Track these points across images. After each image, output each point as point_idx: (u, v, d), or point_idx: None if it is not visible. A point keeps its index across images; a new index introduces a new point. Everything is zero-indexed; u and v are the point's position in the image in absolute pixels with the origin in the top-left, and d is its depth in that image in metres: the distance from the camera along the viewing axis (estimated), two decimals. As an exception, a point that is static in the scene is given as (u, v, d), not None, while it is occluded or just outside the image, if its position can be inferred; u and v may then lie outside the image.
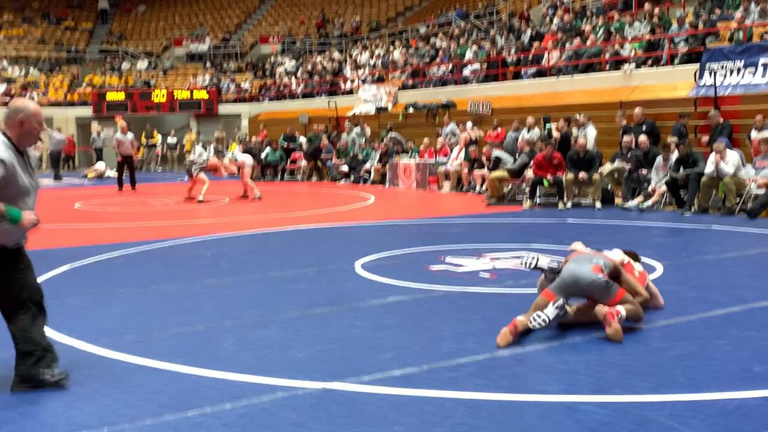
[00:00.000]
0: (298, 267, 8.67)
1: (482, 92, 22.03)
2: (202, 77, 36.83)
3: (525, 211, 14.22)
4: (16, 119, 4.55)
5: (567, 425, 3.99)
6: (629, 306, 5.72)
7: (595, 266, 5.78)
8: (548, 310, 5.53)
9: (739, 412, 4.12)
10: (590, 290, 5.74)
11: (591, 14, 22.43)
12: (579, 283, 5.76)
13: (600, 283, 5.70)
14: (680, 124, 14.97)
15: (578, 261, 5.93)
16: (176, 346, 5.58)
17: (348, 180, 21.97)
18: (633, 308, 5.74)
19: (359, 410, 4.23)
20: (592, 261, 5.86)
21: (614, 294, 5.72)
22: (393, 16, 41.09)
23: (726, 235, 10.84)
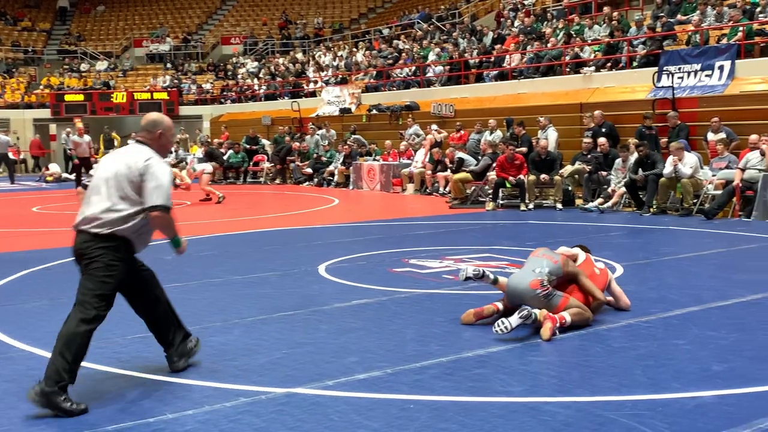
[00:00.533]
0: (262, 271, 8.63)
1: (445, 94, 22.13)
2: (163, 78, 36.43)
3: (488, 213, 14.31)
4: (156, 132, 4.74)
5: (530, 426, 4.02)
6: (575, 310, 5.82)
7: (534, 282, 5.84)
8: (513, 318, 5.59)
9: (698, 411, 4.19)
10: (532, 303, 5.81)
11: (551, 17, 22.65)
12: (521, 297, 5.90)
13: (539, 298, 5.81)
14: (643, 126, 15.18)
15: (525, 271, 6.03)
16: (137, 351, 5.52)
17: (311, 182, 21.91)
18: (579, 312, 5.85)
19: (323, 414, 4.22)
20: (534, 273, 5.92)
21: (557, 304, 5.83)
22: (356, 17, 41.09)
23: (684, 235, 11.03)
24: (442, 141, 18.96)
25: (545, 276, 5.88)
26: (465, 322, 6.03)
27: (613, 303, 6.46)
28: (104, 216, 4.52)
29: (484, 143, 17.09)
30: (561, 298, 5.87)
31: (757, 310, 6.43)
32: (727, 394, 4.42)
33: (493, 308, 6.08)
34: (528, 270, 6.00)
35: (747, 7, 16.70)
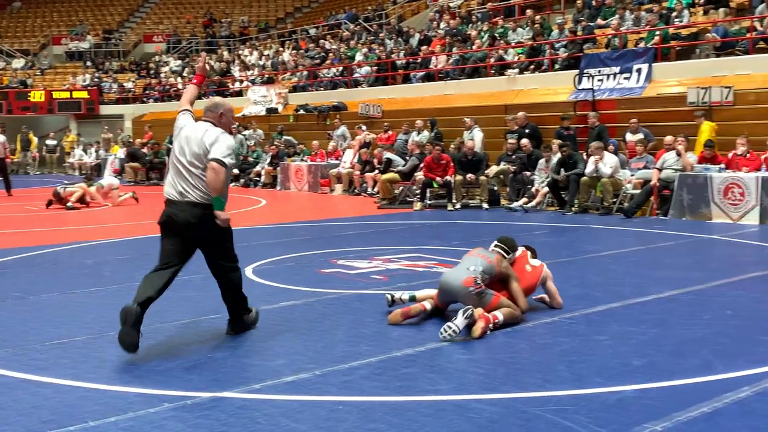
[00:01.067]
0: (185, 273, 8.42)
1: (373, 95, 22.18)
2: (83, 77, 35.46)
3: (416, 213, 14.40)
4: (217, 113, 5.57)
5: (458, 424, 4.06)
6: (506, 310, 5.94)
7: (468, 279, 5.95)
8: (458, 320, 5.63)
9: (620, 405, 4.29)
10: (464, 300, 5.94)
11: (476, 20, 22.95)
12: (454, 294, 6.04)
13: (471, 295, 5.93)
14: (561, 127, 15.52)
15: (458, 268, 6.14)
16: (56, 358, 5.34)
17: (237, 183, 21.64)
18: (510, 312, 5.96)
19: (250, 418, 4.17)
20: (468, 271, 6.03)
21: (488, 302, 5.94)
22: (282, 16, 40.81)
23: (604, 233, 11.31)
24: (371, 141, 18.99)
25: (479, 274, 6.00)
26: (392, 323, 6.06)
27: (546, 301, 6.59)
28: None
29: (412, 144, 17.20)
30: (492, 296, 5.98)
31: (675, 306, 6.64)
32: (648, 388, 4.55)
33: (420, 308, 6.13)
34: (462, 268, 6.11)
35: (663, 11, 17.26)
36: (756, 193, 11.69)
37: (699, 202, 12.26)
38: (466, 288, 5.93)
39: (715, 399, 4.30)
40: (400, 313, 6.08)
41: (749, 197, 11.76)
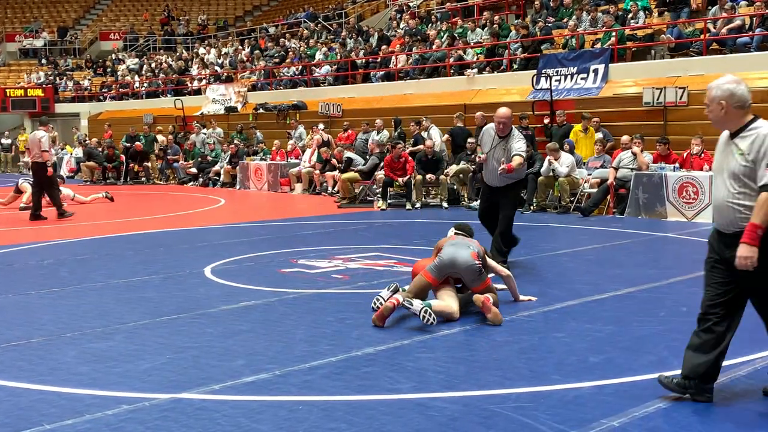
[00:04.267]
0: (144, 274, 8.38)
1: (333, 94, 22.14)
2: (37, 74, 34.81)
3: (376, 212, 14.42)
4: None
5: (418, 422, 4.08)
6: (493, 295, 6.20)
7: (473, 253, 6.26)
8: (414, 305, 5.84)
9: (578, 401, 4.35)
10: (464, 273, 6.20)
11: (436, 19, 23.05)
12: (456, 266, 6.20)
13: (475, 269, 6.18)
14: (520, 126, 15.65)
15: (457, 245, 6.38)
16: (11, 360, 5.25)
17: (196, 182, 21.45)
18: (495, 296, 6.24)
19: (210, 419, 4.14)
20: (470, 247, 6.33)
21: (483, 281, 6.23)
22: (240, 15, 40.54)
23: (562, 232, 11.45)
24: (329, 140, 18.96)
25: (480, 253, 6.32)
26: (377, 324, 6.01)
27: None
28: None
29: (372, 143, 17.21)
30: (486, 277, 6.30)
31: (631, 303, 6.75)
32: (605, 384, 4.62)
33: (391, 306, 6.05)
34: (462, 245, 6.34)
35: (619, 13, 17.52)
36: (710, 191, 11.92)
37: (654, 200, 12.48)
38: (474, 261, 6.18)
39: (671, 394, 4.38)
40: (377, 318, 6.00)
41: (703, 196, 12.00)
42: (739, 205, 4.18)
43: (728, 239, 4.24)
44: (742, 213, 4.16)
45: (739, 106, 4.22)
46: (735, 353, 5.14)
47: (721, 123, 4.30)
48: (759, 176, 4.08)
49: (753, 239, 4.05)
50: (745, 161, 4.15)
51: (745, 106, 4.23)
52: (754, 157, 4.12)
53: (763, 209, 4.04)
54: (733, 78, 4.29)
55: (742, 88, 4.24)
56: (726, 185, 4.25)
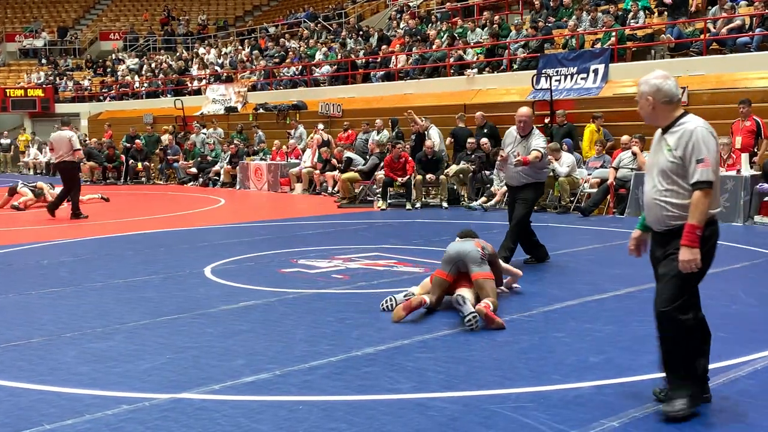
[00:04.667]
0: (144, 274, 8.38)
1: (333, 94, 22.14)
2: (37, 74, 34.81)
3: (376, 212, 14.41)
4: None
5: (418, 422, 4.08)
6: (492, 299, 6.21)
7: (477, 242, 6.51)
8: (464, 309, 5.92)
9: (578, 401, 4.35)
10: (467, 260, 6.34)
11: (435, 19, 23.04)
12: (460, 254, 6.39)
13: (475, 255, 6.34)
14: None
15: (463, 241, 6.61)
16: (11, 360, 5.25)
17: (196, 182, 21.45)
18: (495, 301, 6.26)
19: (210, 419, 4.14)
20: (475, 239, 6.61)
21: (484, 270, 6.35)
22: (240, 14, 40.54)
23: (562, 232, 11.44)
24: (329, 140, 18.95)
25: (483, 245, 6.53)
26: (397, 319, 6.11)
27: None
28: None
29: (372, 143, 17.21)
30: (489, 270, 6.41)
31: (631, 303, 6.75)
32: (604, 384, 4.62)
33: (421, 300, 6.24)
34: (466, 241, 6.57)
35: (619, 13, 17.52)
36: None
37: (654, 200, 12.45)
38: (476, 248, 6.39)
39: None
40: (402, 308, 6.15)
41: (703, 196, 11.98)
42: (665, 203, 4.08)
43: (657, 237, 4.19)
44: (669, 211, 4.07)
45: (667, 101, 4.10)
46: (735, 353, 5.15)
47: (651, 119, 4.19)
48: (690, 173, 3.99)
49: (692, 241, 3.95)
50: (672, 157, 4.05)
51: (673, 101, 4.11)
52: (681, 153, 4.02)
53: (698, 209, 3.95)
54: (662, 73, 4.17)
55: (670, 83, 4.10)
56: (654, 182, 4.15)
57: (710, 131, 4.08)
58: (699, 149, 3.99)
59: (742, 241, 10.08)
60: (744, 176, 11.67)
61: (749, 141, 12.48)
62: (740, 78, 14.45)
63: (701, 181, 3.94)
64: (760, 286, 7.30)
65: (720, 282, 7.53)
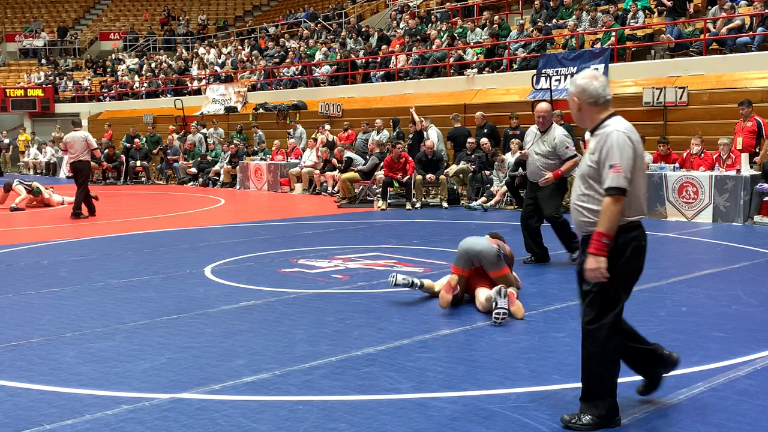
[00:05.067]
0: (144, 274, 8.38)
1: (333, 94, 22.14)
2: (37, 74, 34.81)
3: (375, 212, 14.41)
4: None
5: (418, 422, 4.08)
6: (514, 289, 6.45)
7: (491, 240, 6.64)
8: (500, 302, 5.99)
9: (577, 401, 4.33)
10: (482, 257, 6.45)
11: (435, 19, 23.04)
12: (473, 249, 6.50)
13: (492, 252, 6.45)
14: (510, 127, 15.66)
15: (474, 239, 6.70)
16: (11, 360, 5.25)
17: (196, 182, 21.45)
18: (516, 291, 6.49)
19: (210, 419, 4.14)
20: (486, 237, 6.73)
21: (502, 267, 6.49)
22: (240, 14, 40.54)
23: (563, 232, 11.42)
24: (334, 140, 18.93)
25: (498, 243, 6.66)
26: (445, 305, 6.33)
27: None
28: None
29: (372, 143, 17.21)
30: (505, 265, 6.55)
31: (631, 303, 6.67)
32: (604, 383, 4.61)
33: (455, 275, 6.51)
34: (480, 237, 6.70)
35: (619, 13, 17.52)
36: (709, 191, 11.93)
37: (654, 200, 12.47)
38: (490, 245, 6.51)
39: (670, 395, 4.38)
40: (445, 290, 6.37)
41: (703, 196, 12.00)
42: (582, 208, 3.96)
43: (583, 244, 4.01)
44: (585, 217, 3.95)
45: (592, 102, 3.94)
46: (735, 353, 5.15)
47: (578, 120, 4.07)
48: (603, 178, 3.83)
49: (598, 249, 3.78)
50: (590, 161, 3.91)
51: (598, 103, 3.94)
52: (597, 158, 3.87)
53: (605, 215, 3.78)
54: (591, 73, 4.03)
55: (596, 84, 3.94)
56: (576, 185, 4.04)
57: (628, 136, 3.85)
58: (612, 154, 3.80)
59: (742, 241, 10.09)
60: (744, 176, 11.68)
61: (750, 141, 12.49)
62: (740, 78, 14.45)
63: (611, 187, 3.77)
64: (760, 286, 7.30)
65: (720, 282, 7.54)
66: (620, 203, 3.78)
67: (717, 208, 11.87)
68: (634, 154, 3.83)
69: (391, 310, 6.57)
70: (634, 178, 3.83)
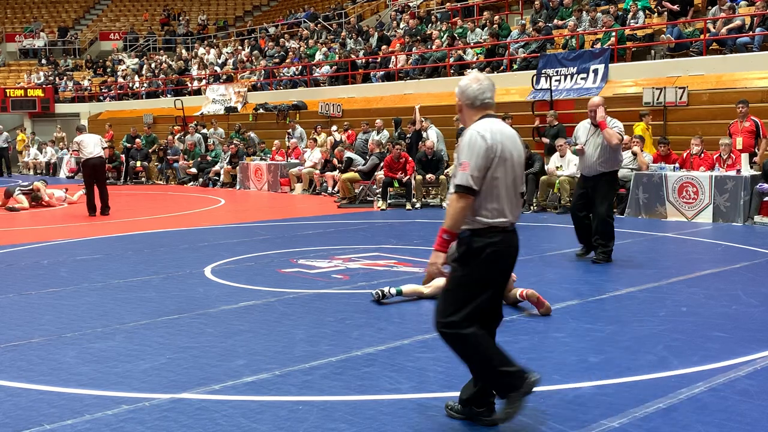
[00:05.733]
0: (144, 274, 8.38)
1: (333, 94, 22.14)
2: (37, 74, 34.81)
3: (376, 212, 14.41)
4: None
5: (418, 422, 4.08)
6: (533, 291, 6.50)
7: None
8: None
9: (578, 401, 4.35)
10: None
11: (436, 19, 23.04)
12: None
13: None
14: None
15: None
16: (11, 360, 5.25)
17: (196, 182, 21.44)
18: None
19: (210, 419, 4.14)
20: None
21: None
22: (240, 15, 40.54)
23: (563, 232, 11.44)
24: (342, 140, 18.89)
25: None
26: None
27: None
28: None
29: (372, 143, 17.20)
30: None
31: (631, 303, 6.75)
32: (604, 384, 4.62)
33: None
34: None
35: (619, 13, 17.52)
36: (709, 191, 11.93)
37: (654, 200, 12.48)
38: None
39: (670, 395, 4.38)
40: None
41: (703, 196, 12.00)
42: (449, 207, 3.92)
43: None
44: None
45: (469, 104, 3.92)
46: (735, 353, 5.15)
47: (462, 121, 4.03)
48: (453, 176, 3.86)
49: (439, 244, 3.78)
50: (455, 161, 3.90)
51: (474, 105, 3.90)
52: (456, 157, 3.87)
53: (448, 212, 3.76)
54: (474, 76, 3.96)
55: (474, 87, 3.89)
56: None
57: (482, 135, 3.78)
58: (462, 153, 3.78)
59: (742, 241, 10.09)
60: (744, 176, 11.68)
61: (750, 141, 12.49)
62: (740, 78, 14.46)
63: (456, 184, 3.76)
64: (760, 286, 7.30)
65: (720, 282, 7.54)
66: (464, 201, 3.74)
67: (717, 208, 11.87)
68: (486, 154, 3.76)
69: (391, 310, 6.57)
70: (494, 180, 3.78)
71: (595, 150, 8.59)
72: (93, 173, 14.30)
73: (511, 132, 3.92)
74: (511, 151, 3.85)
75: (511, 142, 3.87)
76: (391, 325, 6.04)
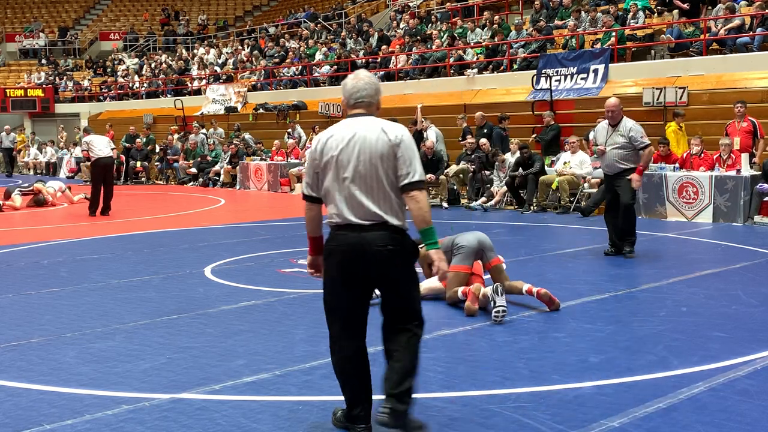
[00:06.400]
0: (144, 274, 8.38)
1: (333, 94, 22.12)
2: (37, 74, 34.81)
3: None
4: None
5: (418, 422, 4.07)
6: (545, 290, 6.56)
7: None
8: (498, 300, 6.02)
9: (578, 401, 4.35)
10: (484, 247, 6.71)
11: (436, 19, 23.04)
12: (483, 243, 6.75)
13: (490, 240, 6.84)
14: (498, 127, 15.68)
15: (470, 231, 6.95)
16: (11, 360, 5.25)
17: (196, 182, 21.44)
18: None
19: (210, 420, 4.14)
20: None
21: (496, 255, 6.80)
22: (240, 14, 40.53)
23: (562, 232, 11.45)
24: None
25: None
26: (471, 314, 6.28)
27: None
28: None
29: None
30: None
31: (631, 303, 6.75)
32: (604, 384, 4.62)
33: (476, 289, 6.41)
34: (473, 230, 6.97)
35: (619, 13, 17.52)
36: (709, 191, 11.93)
37: (654, 200, 12.48)
38: (482, 233, 6.86)
39: (670, 395, 4.38)
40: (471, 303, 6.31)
41: (703, 196, 12.00)
42: None
43: None
44: None
45: (345, 101, 3.94)
46: (735, 353, 5.15)
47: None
48: None
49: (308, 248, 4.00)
50: None
51: (348, 103, 3.90)
52: None
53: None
54: (356, 73, 3.99)
55: (350, 84, 3.89)
56: None
57: (319, 139, 3.79)
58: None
59: (742, 241, 10.09)
60: (744, 176, 11.68)
61: (748, 141, 12.49)
62: (740, 78, 14.46)
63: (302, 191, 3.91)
64: (760, 286, 7.30)
65: (720, 282, 7.54)
66: (308, 208, 3.86)
67: (717, 209, 11.87)
68: (312, 157, 3.79)
69: (391, 310, 6.55)
70: (323, 182, 3.76)
71: (615, 149, 8.87)
72: (103, 173, 14.29)
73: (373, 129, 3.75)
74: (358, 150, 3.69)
75: (362, 141, 3.70)
76: (391, 325, 6.03)
